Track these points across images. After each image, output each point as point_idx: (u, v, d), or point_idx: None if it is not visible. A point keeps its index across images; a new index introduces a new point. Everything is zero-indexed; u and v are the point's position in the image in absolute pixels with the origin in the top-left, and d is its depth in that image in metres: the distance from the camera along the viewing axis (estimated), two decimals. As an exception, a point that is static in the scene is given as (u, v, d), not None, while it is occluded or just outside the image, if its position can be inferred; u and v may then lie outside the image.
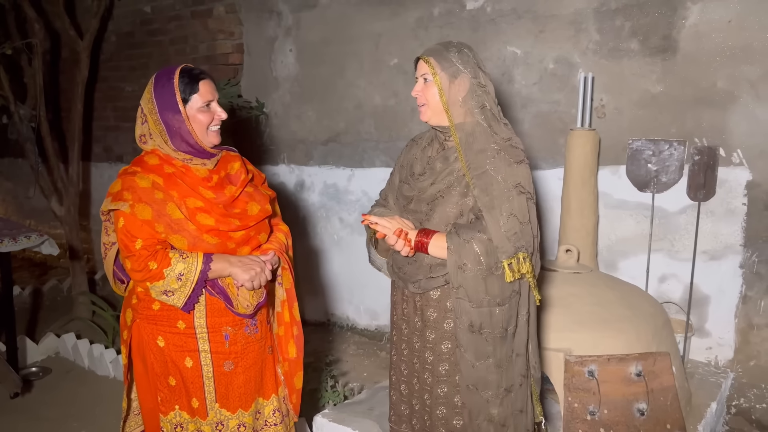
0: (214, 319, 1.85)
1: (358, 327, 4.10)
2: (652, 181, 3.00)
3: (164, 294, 1.76)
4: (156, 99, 1.77)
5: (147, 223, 1.74)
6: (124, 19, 5.00)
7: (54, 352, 3.85)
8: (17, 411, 3.15)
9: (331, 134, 4.06)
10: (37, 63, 4.29)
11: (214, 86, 1.86)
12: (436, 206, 1.82)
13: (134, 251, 1.73)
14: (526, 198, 1.76)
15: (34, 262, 6.17)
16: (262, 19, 4.25)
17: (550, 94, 3.27)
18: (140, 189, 1.75)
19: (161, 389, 1.88)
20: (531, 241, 1.76)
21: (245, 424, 1.93)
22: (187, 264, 1.75)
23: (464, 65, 1.78)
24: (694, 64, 2.90)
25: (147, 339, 1.87)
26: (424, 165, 1.91)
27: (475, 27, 3.42)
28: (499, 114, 1.83)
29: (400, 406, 2.04)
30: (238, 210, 1.87)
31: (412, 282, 1.87)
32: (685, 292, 3.01)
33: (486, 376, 1.78)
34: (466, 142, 1.78)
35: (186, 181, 1.81)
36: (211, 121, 1.82)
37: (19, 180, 6.16)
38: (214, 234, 1.80)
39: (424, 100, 1.83)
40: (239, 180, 1.92)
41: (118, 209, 1.75)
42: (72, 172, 4.44)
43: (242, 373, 1.91)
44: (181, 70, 1.79)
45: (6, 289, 3.42)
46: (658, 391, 2.34)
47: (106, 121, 5.35)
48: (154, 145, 1.82)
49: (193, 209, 1.79)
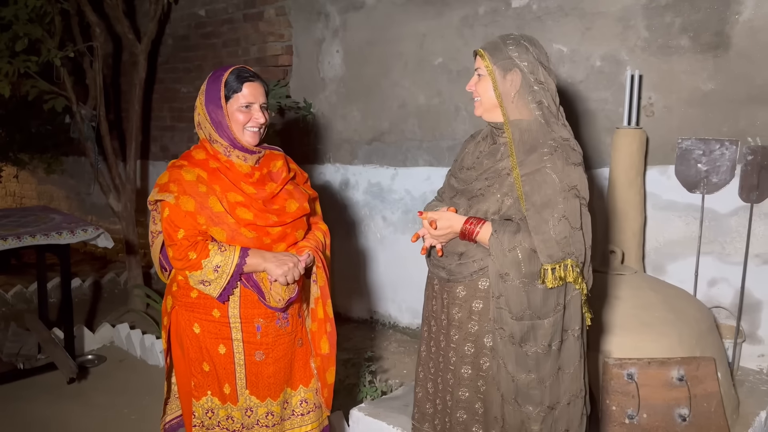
0: (247, 311, 1.92)
1: (400, 325, 4.12)
2: (702, 181, 2.91)
3: (201, 283, 1.84)
4: (206, 92, 1.90)
5: (190, 215, 1.82)
6: (179, 23, 5.18)
7: (109, 342, 4.02)
8: (73, 396, 3.31)
9: (376, 134, 4.10)
10: (98, 65, 4.50)
11: (263, 90, 1.93)
12: (475, 203, 1.79)
13: (176, 240, 1.83)
14: (579, 203, 1.67)
15: (94, 256, 6.45)
16: (310, 21, 4.33)
17: (597, 92, 3.21)
18: (185, 182, 1.85)
19: (195, 374, 1.95)
20: (582, 249, 1.67)
21: (273, 412, 1.99)
22: (225, 257, 1.82)
23: (520, 59, 1.71)
24: (748, 60, 2.79)
25: (184, 325, 1.95)
26: (473, 159, 1.87)
27: (520, 25, 3.39)
28: (558, 113, 1.75)
29: (425, 404, 2.00)
30: (276, 206, 1.93)
31: (442, 267, 1.85)
32: (735, 296, 2.90)
33: (527, 391, 1.71)
34: (520, 140, 1.71)
35: (229, 176, 1.89)
36: (248, 122, 1.89)
37: (81, 177, 6.47)
38: (252, 228, 1.86)
39: (477, 95, 1.80)
40: (280, 178, 1.98)
41: (164, 200, 1.85)
42: (129, 170, 4.63)
43: (272, 363, 1.97)
44: (232, 71, 1.90)
45: (65, 280, 3.59)
46: (701, 396, 2.28)
47: (162, 122, 5.55)
48: (204, 133, 1.93)
49: (234, 203, 1.86)
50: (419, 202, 3.91)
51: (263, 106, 1.92)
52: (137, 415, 3.11)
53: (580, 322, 1.74)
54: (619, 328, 2.38)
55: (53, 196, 7.03)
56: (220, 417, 1.95)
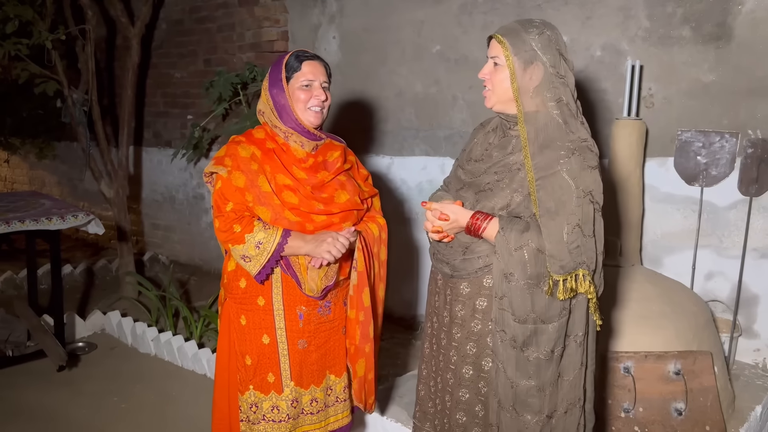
0: (289, 297, 1.95)
1: (394, 316, 4.09)
2: (701, 174, 2.88)
3: (243, 258, 1.87)
4: (269, 77, 1.95)
5: (239, 190, 1.87)
6: (174, 7, 5.10)
7: (100, 329, 3.99)
8: (63, 384, 3.28)
9: (371, 122, 4.05)
10: (90, 49, 4.42)
11: (323, 69, 1.95)
12: (482, 198, 1.70)
13: (224, 212, 1.88)
14: (594, 208, 1.59)
15: (86, 242, 6.40)
16: (306, 6, 4.27)
17: (597, 83, 3.17)
18: (240, 158, 1.90)
19: (239, 368, 1.99)
20: (593, 257, 1.59)
21: (317, 399, 2.02)
22: (267, 234, 1.84)
23: (543, 51, 1.59)
24: (750, 52, 2.75)
25: (233, 318, 2.00)
26: (482, 151, 1.78)
27: (520, 13, 3.34)
28: (577, 110, 1.64)
29: (427, 402, 1.94)
30: (325, 195, 1.94)
31: (446, 263, 1.78)
32: (732, 290, 2.88)
33: (526, 399, 1.64)
34: (536, 138, 1.60)
35: (282, 159, 1.93)
36: (310, 99, 1.91)
37: (74, 163, 6.39)
38: (296, 213, 1.88)
39: (490, 84, 1.67)
40: (334, 167, 1.99)
41: (218, 173, 1.91)
42: (121, 156, 4.57)
43: (314, 351, 2.00)
44: (292, 53, 1.94)
45: (55, 267, 3.54)
46: (697, 391, 2.26)
47: (156, 107, 5.48)
48: (265, 118, 1.97)
49: (281, 186, 1.89)
50: (415, 192, 3.88)
51: (324, 85, 1.93)
52: (127, 404, 3.08)
53: (584, 327, 1.67)
54: (616, 321, 2.36)
55: (45, 181, 6.96)
56: (264, 410, 1.97)
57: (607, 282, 2.48)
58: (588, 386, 1.73)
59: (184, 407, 3.05)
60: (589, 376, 1.73)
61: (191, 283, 4.95)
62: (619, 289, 2.47)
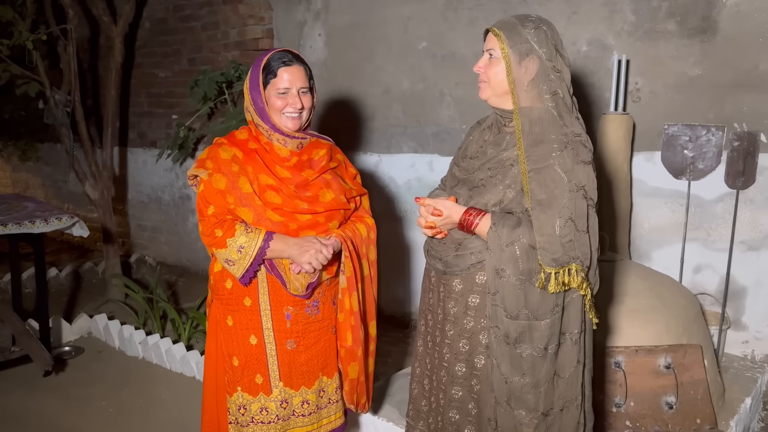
0: (276, 297, 1.93)
1: (384, 314, 4.07)
2: (689, 168, 2.89)
3: (226, 262, 1.86)
4: (249, 78, 1.92)
5: (220, 193, 1.85)
6: (157, 5, 5.04)
7: (87, 332, 3.94)
8: (49, 389, 3.23)
9: (359, 119, 4.03)
10: (72, 49, 4.36)
11: (302, 74, 1.90)
12: (476, 194, 1.70)
13: (206, 216, 1.87)
14: (587, 204, 1.57)
15: (72, 245, 6.32)
16: (291, 4, 4.23)
17: (584, 78, 3.17)
18: (221, 160, 1.88)
19: (227, 370, 1.97)
20: (588, 253, 1.57)
21: (308, 401, 2.00)
22: (249, 239, 1.83)
23: (539, 44, 1.59)
24: (735, 45, 2.76)
25: (220, 319, 1.98)
26: (477, 148, 1.78)
27: (506, 9, 3.33)
28: (572, 105, 1.64)
29: (420, 401, 1.93)
30: (309, 193, 1.92)
31: (439, 259, 1.77)
32: (720, 283, 2.89)
33: (521, 395, 1.63)
34: (530, 131, 1.60)
35: (265, 159, 1.90)
36: (285, 107, 1.88)
37: (57, 165, 6.31)
38: (279, 212, 1.87)
39: (485, 78, 1.67)
40: (319, 166, 1.97)
41: (199, 175, 1.90)
42: (105, 157, 4.52)
43: (304, 351, 1.97)
44: (271, 55, 1.89)
45: (39, 270, 3.49)
46: (688, 384, 2.26)
47: (140, 107, 5.42)
48: (250, 116, 1.95)
49: (264, 186, 1.87)
50: (404, 189, 3.86)
51: (303, 91, 1.90)
52: (115, 408, 3.04)
53: (580, 325, 1.65)
54: (606, 316, 2.36)
55: (29, 183, 6.86)
56: (253, 412, 1.95)
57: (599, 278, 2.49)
58: (586, 384, 1.72)
59: (172, 410, 3.01)
60: (587, 374, 1.72)
61: (179, 284, 4.91)
62: (608, 284, 2.47)
